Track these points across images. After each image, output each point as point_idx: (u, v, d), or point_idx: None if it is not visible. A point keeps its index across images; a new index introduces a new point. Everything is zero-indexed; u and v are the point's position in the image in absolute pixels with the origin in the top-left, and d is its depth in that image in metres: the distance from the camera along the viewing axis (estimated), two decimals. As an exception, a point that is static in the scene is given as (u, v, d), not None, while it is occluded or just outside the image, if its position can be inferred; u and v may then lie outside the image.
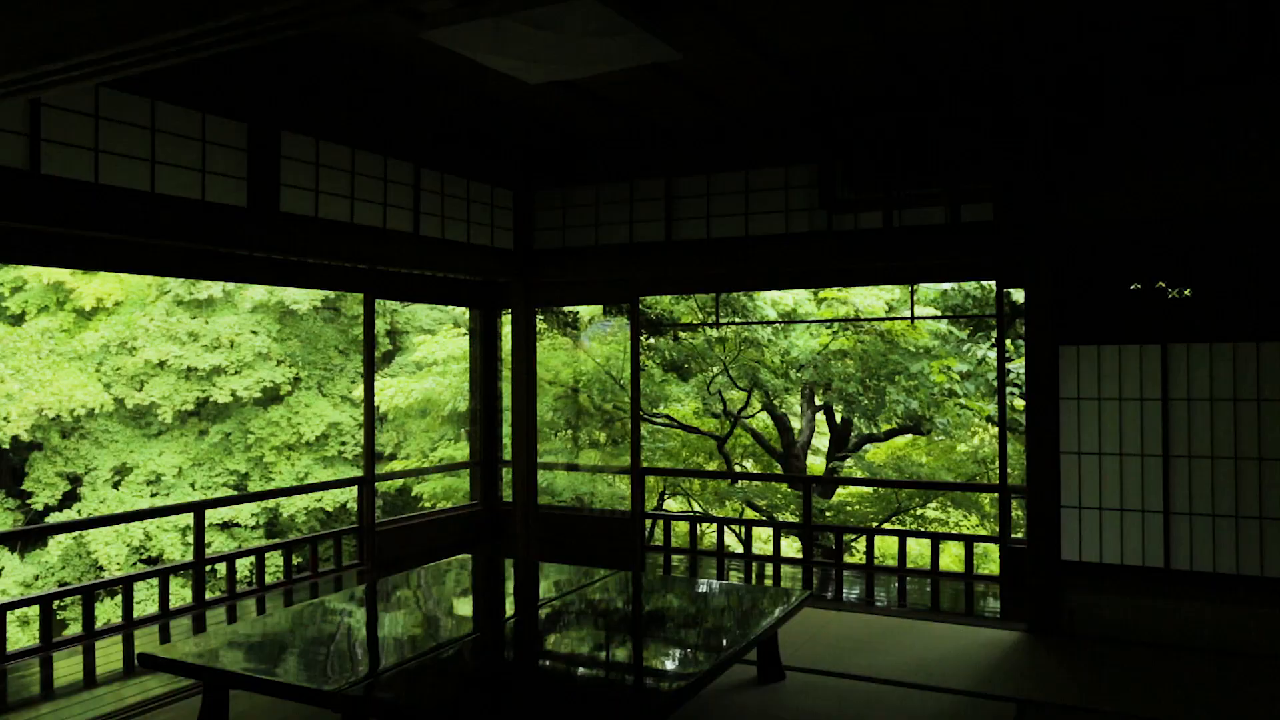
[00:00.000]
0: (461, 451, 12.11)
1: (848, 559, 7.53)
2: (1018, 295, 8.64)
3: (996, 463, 10.43)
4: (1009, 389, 8.73)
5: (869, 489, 11.92)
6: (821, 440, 13.94)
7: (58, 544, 12.55)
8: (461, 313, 12.84)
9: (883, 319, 9.52)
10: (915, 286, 7.77)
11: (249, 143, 5.24)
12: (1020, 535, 7.58)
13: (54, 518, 12.84)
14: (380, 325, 14.30)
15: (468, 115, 6.28)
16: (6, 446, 12.70)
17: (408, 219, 6.33)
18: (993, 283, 8.99)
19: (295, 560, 7.07)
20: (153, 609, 6.23)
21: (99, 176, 4.54)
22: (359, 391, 13.92)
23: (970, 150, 5.70)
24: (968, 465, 10.47)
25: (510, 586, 5.57)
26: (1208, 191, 5.23)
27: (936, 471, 10.89)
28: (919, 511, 11.13)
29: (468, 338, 12.26)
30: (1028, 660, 5.21)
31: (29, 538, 12.47)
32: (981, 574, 7.03)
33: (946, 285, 8.99)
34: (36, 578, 12.40)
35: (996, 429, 10.85)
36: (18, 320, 13.59)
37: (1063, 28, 4.73)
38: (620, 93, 5.82)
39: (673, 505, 12.88)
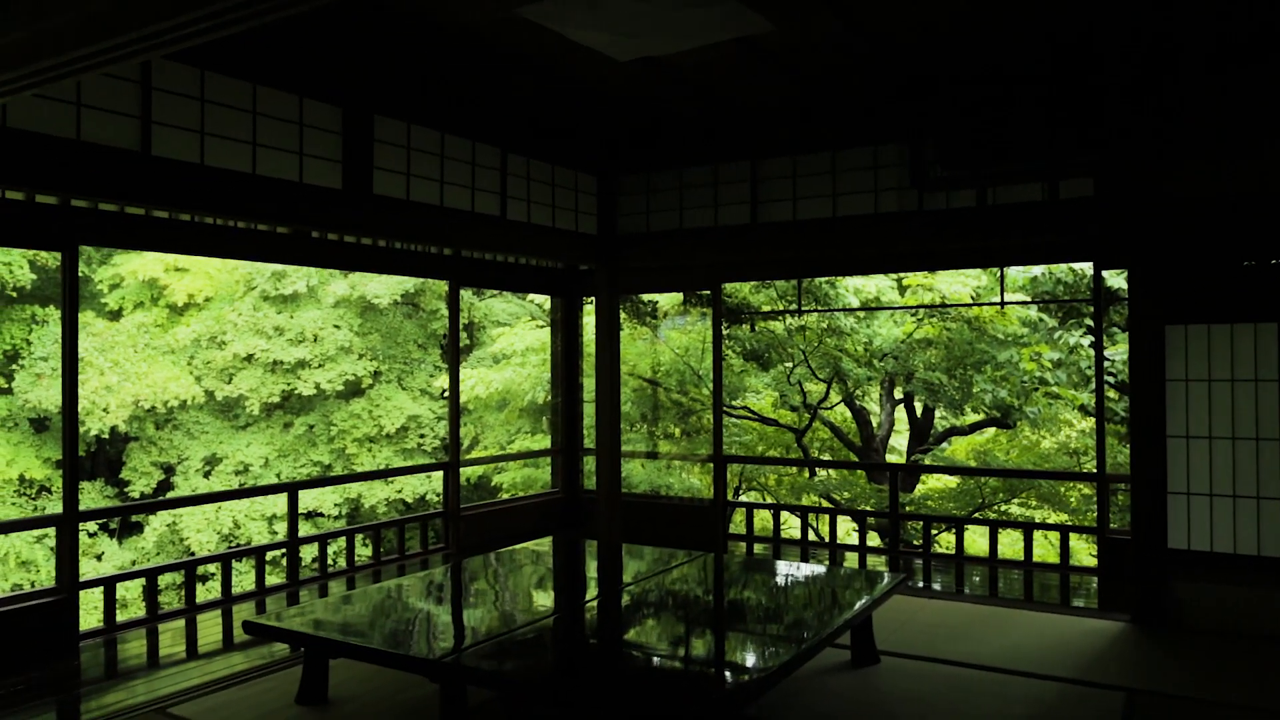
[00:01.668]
0: (539, 444, 12.20)
1: (933, 551, 7.36)
2: (1112, 281, 8.35)
3: (1088, 455, 10.11)
4: (1104, 377, 8.44)
5: (952, 482, 11.64)
6: (900, 440, 13.69)
7: (153, 531, 13.02)
8: (542, 302, 12.94)
9: (971, 304, 9.27)
10: (1005, 271, 7.55)
11: (343, 126, 5.35)
12: (1118, 526, 7.32)
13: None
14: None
15: (553, 100, 6.31)
16: (106, 437, 13.21)
17: (495, 203, 6.39)
18: (1086, 267, 8.72)
19: (382, 549, 7.20)
20: (248, 587, 6.39)
21: (204, 158, 4.67)
22: (438, 382, 14.16)
23: (1071, 123, 5.51)
24: (1058, 458, 10.14)
25: (596, 567, 5.57)
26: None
27: (1022, 466, 10.57)
28: (1003, 508, 10.82)
29: (544, 330, 12.36)
30: (1133, 650, 5.00)
31: (138, 511, 12.94)
32: (1077, 565, 6.81)
33: (1037, 270, 8.72)
34: (133, 563, 12.88)
35: (1089, 419, 10.50)
36: (115, 316, 14.14)
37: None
38: (706, 73, 5.77)
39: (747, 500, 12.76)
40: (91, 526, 13.24)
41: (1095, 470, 6.52)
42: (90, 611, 9.52)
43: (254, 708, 4.27)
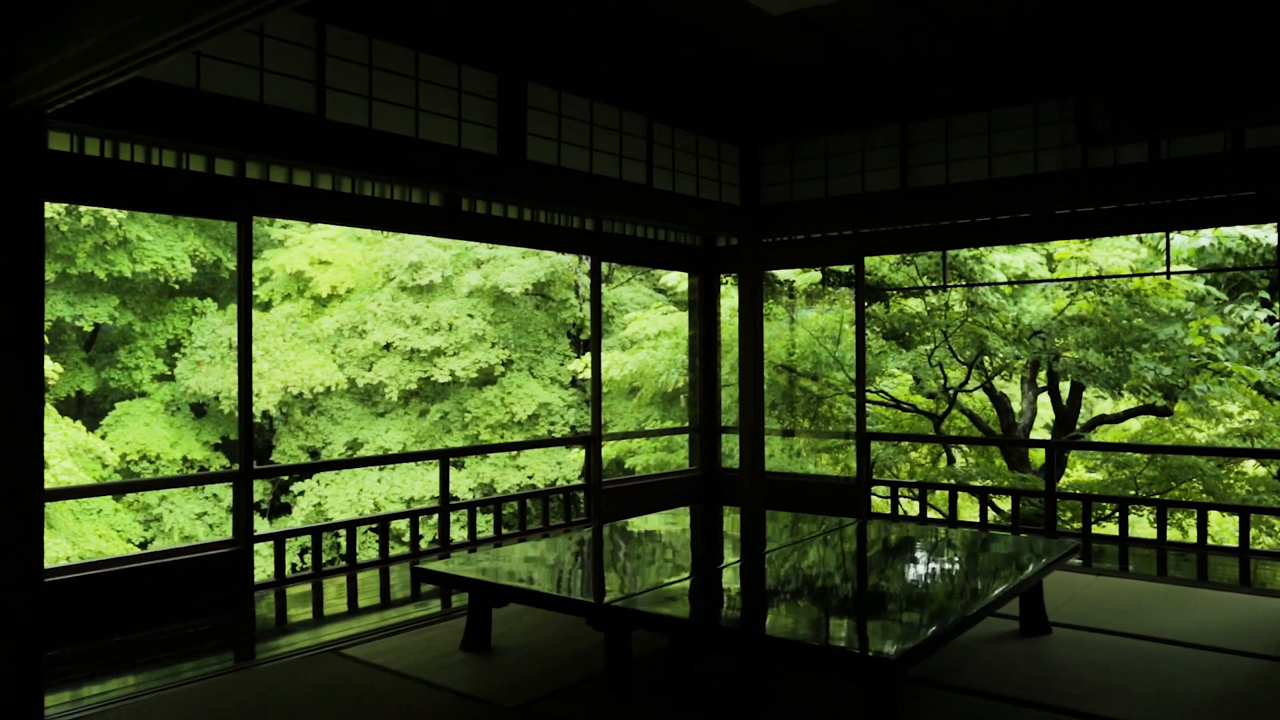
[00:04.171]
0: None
1: (1093, 533, 6.98)
2: (1290, 250, 7.76)
3: (1264, 439, 9.40)
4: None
5: (1101, 474, 11.07)
6: (1040, 436, 13.09)
7: (300, 510, 13.64)
8: (672, 287, 12.97)
9: (1134, 275, 8.75)
10: (1170, 237, 7.10)
11: (499, 92, 5.45)
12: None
13: (299, 486, 13.96)
14: (586, 309, 14.69)
15: (699, 68, 6.28)
16: (258, 421, 13.92)
17: (641, 171, 6.41)
18: (1261, 234, 8.12)
19: (528, 525, 7.32)
20: (403, 550, 6.59)
21: (372, 122, 4.83)
22: (572, 366, 14.39)
23: (1260, 62, 5.12)
24: (1225, 444, 9.48)
25: (744, 530, 5.50)
26: None
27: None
28: (1156, 497, 10.21)
29: (673, 315, 12.36)
30: (1337, 631, 4.62)
31: (305, 470, 13.58)
32: (1260, 550, 6.35)
33: (1204, 240, 8.17)
34: (283, 540, 13.51)
35: (1256, 409, 9.79)
36: (265, 307, 14.90)
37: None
38: (857, 31, 5.63)
39: (880, 490, 12.46)
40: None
41: (1280, 445, 6.05)
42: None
43: (421, 652, 4.38)
